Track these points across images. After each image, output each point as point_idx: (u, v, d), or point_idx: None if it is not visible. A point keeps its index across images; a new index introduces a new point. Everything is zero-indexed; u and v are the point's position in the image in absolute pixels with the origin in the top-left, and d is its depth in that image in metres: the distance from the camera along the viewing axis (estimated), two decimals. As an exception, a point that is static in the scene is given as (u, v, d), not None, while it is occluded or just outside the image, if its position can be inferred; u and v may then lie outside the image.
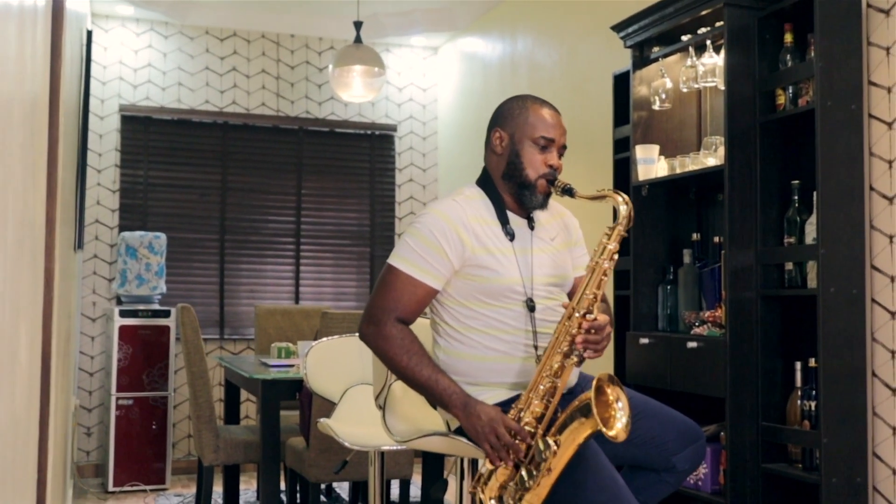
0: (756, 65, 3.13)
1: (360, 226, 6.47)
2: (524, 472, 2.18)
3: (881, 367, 2.92)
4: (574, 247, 2.52)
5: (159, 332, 5.52)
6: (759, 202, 3.11)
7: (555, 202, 2.50)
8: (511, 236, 2.37)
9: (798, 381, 3.00)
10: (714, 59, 3.39)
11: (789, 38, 3.09)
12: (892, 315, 2.89)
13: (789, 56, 3.09)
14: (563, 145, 2.43)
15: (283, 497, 4.48)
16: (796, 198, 3.05)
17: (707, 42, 3.40)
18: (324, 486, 5.11)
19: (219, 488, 4.93)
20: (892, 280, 2.90)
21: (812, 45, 2.97)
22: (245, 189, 6.25)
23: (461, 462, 2.54)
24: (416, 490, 4.77)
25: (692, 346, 3.23)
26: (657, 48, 3.64)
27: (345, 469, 3.59)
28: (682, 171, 3.46)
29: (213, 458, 4.23)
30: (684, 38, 3.53)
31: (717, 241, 3.42)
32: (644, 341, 3.46)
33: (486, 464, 2.24)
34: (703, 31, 3.44)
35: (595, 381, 2.14)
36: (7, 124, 0.98)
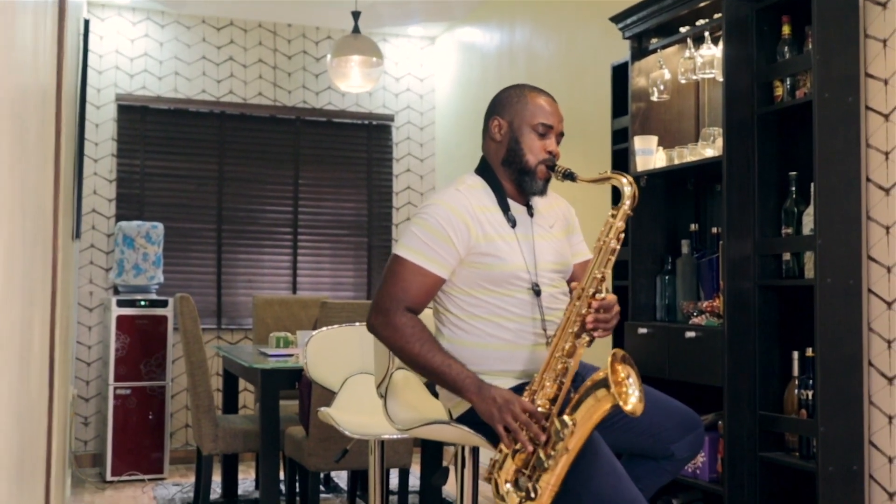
0: (754, 56, 3.14)
1: (357, 216, 6.48)
2: (541, 453, 2.18)
3: (877, 356, 2.95)
4: (571, 234, 2.55)
5: (157, 322, 5.53)
6: (757, 193, 3.12)
7: (551, 192, 2.51)
8: (513, 223, 2.39)
9: (795, 371, 3.02)
10: (712, 51, 3.40)
11: (787, 30, 3.10)
12: (889, 305, 2.92)
13: (787, 48, 3.10)
14: (561, 132, 2.46)
15: (282, 486, 4.49)
16: (793, 189, 3.07)
17: (705, 34, 3.42)
18: (322, 476, 5.13)
19: (217, 477, 4.95)
20: (889, 270, 2.92)
21: (809, 38, 2.99)
22: (242, 179, 6.26)
23: (462, 450, 2.56)
24: (414, 480, 4.79)
25: (690, 335, 3.25)
26: (655, 39, 3.66)
27: (345, 458, 3.60)
28: (681, 162, 3.47)
29: (212, 448, 4.25)
30: (683, 29, 3.55)
31: (715, 231, 3.44)
32: (642, 331, 3.48)
33: (501, 448, 2.24)
34: (701, 22, 3.46)
35: (610, 358, 2.17)
36: (27, 115, 0.99)
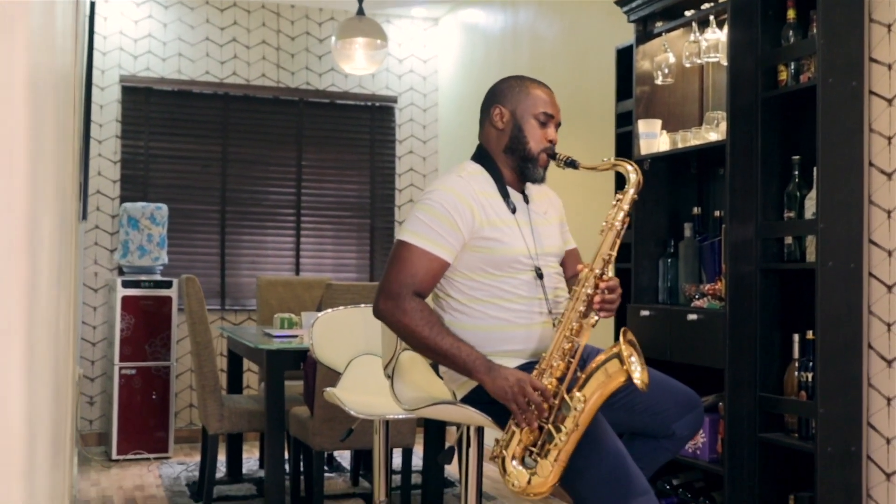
0: (758, 41, 3.16)
1: (360, 197, 6.51)
2: (552, 429, 2.24)
3: (877, 339, 2.98)
4: (561, 223, 2.62)
5: (161, 303, 5.57)
6: (760, 177, 3.15)
7: (540, 191, 2.59)
8: (513, 209, 2.45)
9: (795, 353, 3.06)
10: (717, 35, 3.42)
11: (792, 14, 3.12)
12: (889, 288, 2.95)
13: (791, 32, 3.12)
14: (559, 122, 2.54)
15: (286, 465, 4.54)
16: (796, 173, 3.10)
17: (710, 17, 3.43)
18: (325, 455, 5.18)
19: (222, 456, 5.00)
20: (890, 254, 2.95)
21: (814, 22, 3.01)
22: (246, 160, 6.28)
23: (467, 430, 2.60)
24: (417, 459, 4.84)
25: (692, 318, 3.29)
26: (660, 23, 3.67)
27: (349, 437, 3.65)
28: (684, 146, 3.50)
29: (217, 427, 4.29)
30: (688, 13, 3.56)
31: (717, 215, 3.47)
32: (645, 313, 3.51)
33: (509, 426, 2.29)
34: (706, 6, 3.47)
35: (622, 335, 2.24)
36: (63, 100, 1.02)
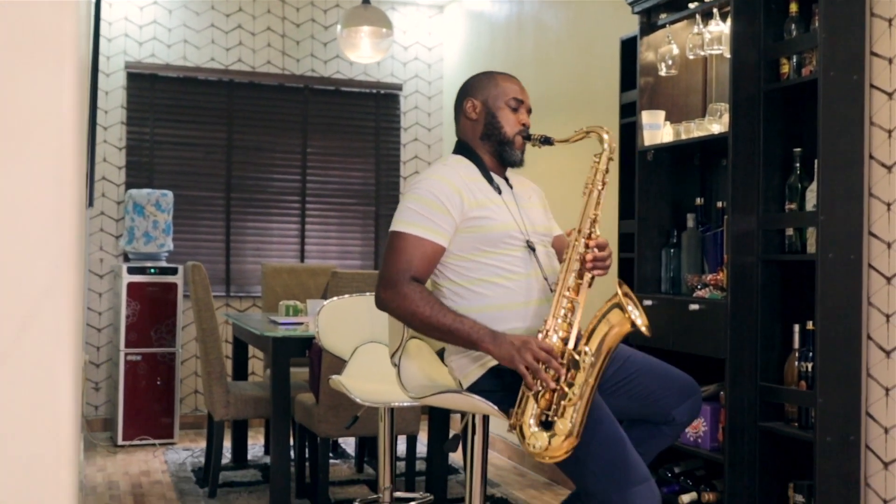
0: (761, 34, 3.18)
1: (365, 185, 6.53)
2: (564, 387, 2.27)
3: (876, 330, 3.02)
4: (545, 209, 2.72)
5: (167, 289, 5.60)
6: (762, 169, 3.17)
7: (522, 176, 2.72)
8: (498, 191, 2.56)
9: (796, 343, 3.09)
10: (720, 27, 3.44)
11: (794, 7, 3.14)
12: (888, 280, 2.98)
13: (794, 26, 3.14)
14: (529, 108, 2.66)
15: (292, 452, 4.59)
16: (798, 165, 3.12)
17: (714, 10, 3.45)
18: (330, 442, 5.22)
19: (227, 443, 5.05)
20: (889, 246, 2.98)
21: (816, 16, 3.03)
22: (251, 147, 6.30)
23: (472, 419, 2.64)
24: (421, 447, 4.89)
25: (694, 308, 3.32)
26: (664, 15, 3.69)
27: (355, 424, 3.69)
28: (687, 137, 3.52)
29: (223, 413, 4.34)
30: (691, 5, 3.58)
31: (720, 205, 3.50)
32: (647, 303, 3.54)
33: (522, 394, 2.31)
34: (709, -2, 3.49)
35: (618, 286, 2.33)
36: (85, 85, 1.04)
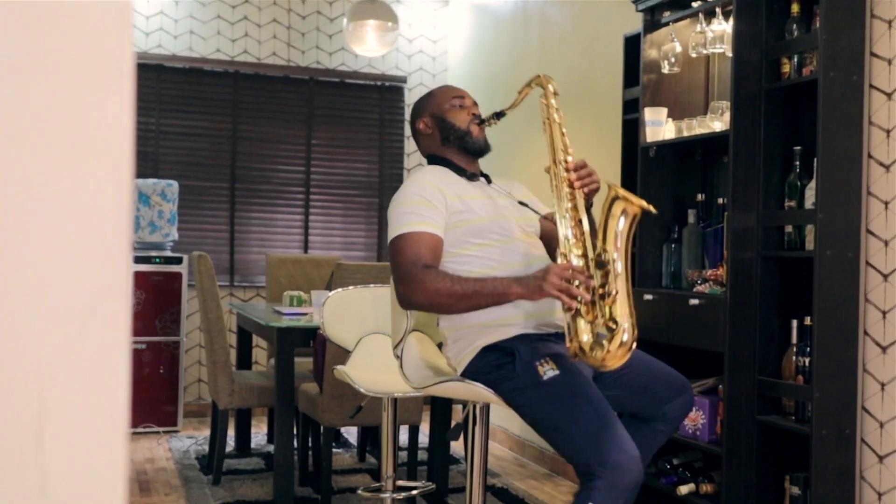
0: (763, 33, 3.22)
1: (369, 177, 6.58)
2: (601, 290, 2.27)
3: (872, 326, 3.07)
4: (531, 198, 2.79)
5: (171, 279, 5.65)
6: (762, 166, 3.22)
7: (501, 176, 2.81)
8: (476, 181, 2.68)
9: (793, 338, 3.14)
10: (723, 26, 3.48)
11: (796, 8, 3.18)
12: (885, 277, 3.03)
13: (795, 26, 3.18)
14: (473, 101, 2.78)
15: (295, 441, 4.64)
16: (797, 163, 3.17)
17: (717, 9, 3.49)
18: (333, 431, 5.28)
19: (231, 431, 5.11)
20: (886, 244, 3.03)
21: (817, 16, 3.07)
22: (255, 138, 6.34)
23: (473, 409, 2.69)
24: (424, 437, 4.95)
25: (694, 302, 3.37)
26: (668, 13, 3.73)
27: (358, 414, 3.75)
28: (689, 134, 3.56)
29: (227, 402, 4.39)
30: (695, 4, 3.62)
31: (720, 202, 3.54)
32: (648, 297, 3.59)
33: (565, 321, 2.31)
34: (712, -3, 3.53)
35: (609, 188, 2.34)
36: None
